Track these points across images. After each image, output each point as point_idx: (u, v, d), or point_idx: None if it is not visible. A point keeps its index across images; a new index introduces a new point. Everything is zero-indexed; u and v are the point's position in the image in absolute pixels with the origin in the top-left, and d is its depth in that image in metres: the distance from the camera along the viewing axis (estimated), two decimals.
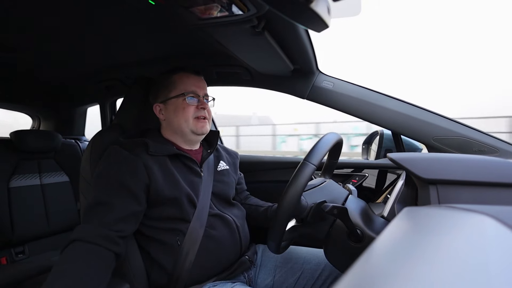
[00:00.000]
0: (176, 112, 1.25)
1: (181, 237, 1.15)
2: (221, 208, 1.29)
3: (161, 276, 1.15)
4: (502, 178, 0.84)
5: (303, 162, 0.93)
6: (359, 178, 1.75)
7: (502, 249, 0.37)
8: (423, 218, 0.53)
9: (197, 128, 1.26)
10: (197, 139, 1.33)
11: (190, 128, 1.25)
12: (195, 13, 0.94)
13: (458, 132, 1.33)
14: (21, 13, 1.17)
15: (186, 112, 1.25)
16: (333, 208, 0.94)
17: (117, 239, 1.01)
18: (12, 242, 2.04)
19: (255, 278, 1.32)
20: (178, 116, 1.25)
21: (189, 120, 1.25)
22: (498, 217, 0.45)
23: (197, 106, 1.27)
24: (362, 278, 0.34)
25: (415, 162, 0.89)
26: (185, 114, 1.24)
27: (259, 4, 0.85)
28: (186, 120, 1.25)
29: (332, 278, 1.26)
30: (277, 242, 0.97)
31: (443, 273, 0.32)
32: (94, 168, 1.22)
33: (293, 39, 1.18)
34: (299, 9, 0.67)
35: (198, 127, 1.26)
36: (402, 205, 1.00)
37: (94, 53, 1.64)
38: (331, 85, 1.52)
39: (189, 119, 1.25)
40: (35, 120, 2.82)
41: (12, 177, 2.09)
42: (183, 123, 1.25)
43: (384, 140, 1.72)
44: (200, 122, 1.27)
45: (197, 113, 1.26)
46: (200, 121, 1.27)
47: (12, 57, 1.67)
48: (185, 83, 1.28)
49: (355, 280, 0.33)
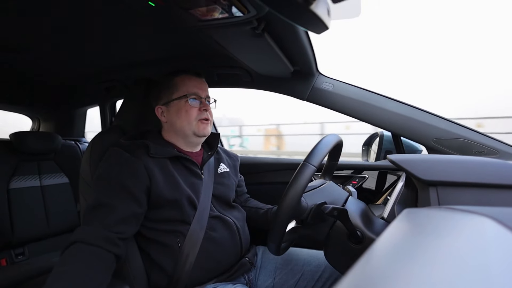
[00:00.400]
0: (179, 114, 1.25)
1: (181, 239, 1.15)
2: (221, 210, 1.29)
3: (161, 278, 1.15)
4: (502, 179, 0.84)
5: (303, 163, 0.93)
6: (359, 179, 1.75)
7: (502, 250, 0.37)
8: (423, 220, 0.53)
9: (199, 130, 1.26)
10: (199, 141, 1.33)
11: (193, 130, 1.25)
12: (195, 14, 0.94)
13: (458, 134, 1.33)
14: (21, 14, 1.18)
15: (189, 114, 1.24)
16: (333, 209, 0.94)
17: (117, 241, 1.01)
18: (12, 244, 2.04)
19: (255, 280, 1.32)
20: (180, 118, 1.25)
21: (192, 122, 1.25)
22: (498, 218, 0.45)
23: (200, 108, 1.27)
24: (362, 280, 0.34)
25: (415, 163, 0.90)
26: (187, 116, 1.24)
27: (259, 5, 0.85)
28: (189, 122, 1.25)
29: (332, 280, 1.26)
30: (277, 244, 0.97)
31: (443, 274, 0.32)
32: (94, 169, 1.22)
33: (293, 40, 1.18)
34: (299, 10, 0.67)
35: (201, 129, 1.26)
36: (402, 207, 1.00)
37: (94, 54, 1.64)
38: (331, 86, 1.52)
39: (192, 121, 1.25)
40: (35, 121, 2.82)
41: (12, 179, 2.09)
42: (185, 125, 1.25)
43: (384, 142, 1.72)
44: (203, 124, 1.27)
45: (199, 115, 1.26)
46: (203, 123, 1.27)
47: (12, 58, 1.67)
48: (187, 85, 1.28)
49: (355, 281, 0.33)
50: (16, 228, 2.04)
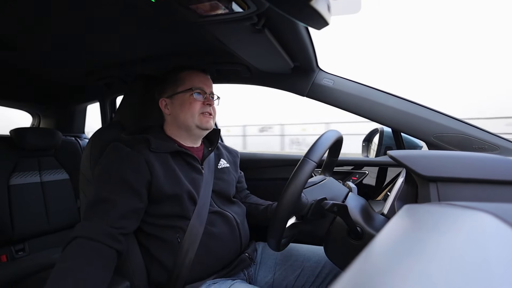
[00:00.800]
0: (183, 106, 1.26)
1: (181, 235, 1.15)
2: (221, 205, 1.29)
3: (161, 273, 1.15)
4: (502, 175, 0.84)
5: (304, 159, 0.93)
6: (359, 175, 1.75)
7: (502, 246, 0.37)
8: (423, 216, 0.53)
9: (202, 123, 1.27)
10: (201, 134, 1.34)
11: (196, 122, 1.26)
12: (195, 10, 0.93)
13: (458, 130, 1.33)
14: (21, 11, 1.17)
15: (193, 107, 1.26)
16: (333, 205, 0.94)
17: (119, 236, 1.01)
18: (12, 240, 2.04)
19: (255, 275, 1.32)
20: (184, 111, 1.26)
21: (195, 115, 1.26)
22: (498, 214, 0.45)
23: (203, 102, 1.28)
24: (362, 275, 0.34)
25: (415, 159, 0.90)
26: (191, 109, 1.26)
27: (259, 1, 0.85)
28: (192, 115, 1.26)
29: (332, 276, 1.26)
30: (277, 239, 0.97)
31: (443, 270, 0.32)
32: (94, 165, 1.22)
33: (293, 36, 1.17)
34: (299, 6, 0.67)
35: (203, 122, 1.27)
36: (402, 203, 1.00)
37: (94, 50, 1.64)
38: (331, 82, 1.52)
39: (195, 114, 1.26)
40: (35, 117, 2.82)
41: (12, 175, 2.09)
42: (189, 118, 1.26)
43: (384, 138, 1.72)
44: (206, 117, 1.28)
45: (203, 109, 1.27)
46: (206, 116, 1.28)
47: (12, 56, 1.67)
48: (193, 79, 1.29)
49: (355, 277, 0.33)
50: (16, 224, 2.05)
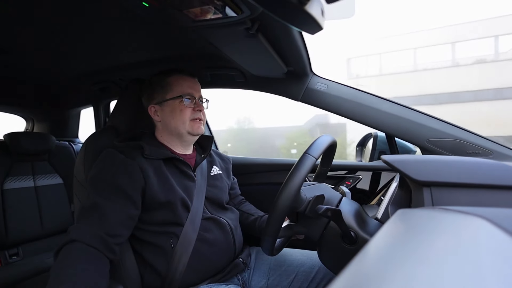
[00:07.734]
0: (173, 114, 1.26)
1: (174, 240, 1.15)
2: (214, 212, 1.30)
3: (155, 279, 1.15)
4: (496, 180, 0.84)
5: (304, 154, 0.94)
6: (353, 180, 1.75)
7: (496, 251, 0.37)
8: (417, 220, 0.53)
9: (193, 129, 1.27)
10: (193, 140, 1.34)
11: (187, 129, 1.27)
12: (189, 15, 0.93)
13: (452, 134, 1.33)
14: (14, 15, 1.17)
15: (183, 114, 1.26)
16: (326, 210, 0.94)
17: (114, 246, 1.02)
18: (6, 244, 2.03)
19: (248, 280, 1.32)
20: (175, 118, 1.26)
21: (186, 122, 1.26)
22: (492, 219, 0.45)
23: (194, 108, 1.28)
24: (356, 280, 0.34)
25: (409, 164, 0.90)
26: (182, 116, 1.26)
27: (252, 6, 0.85)
28: (183, 122, 1.26)
29: (326, 280, 1.26)
30: (273, 238, 0.97)
31: (436, 275, 0.32)
32: (88, 170, 1.22)
33: (287, 41, 1.18)
34: (293, 11, 0.67)
35: (195, 128, 1.28)
36: (396, 207, 1.00)
37: (88, 55, 1.63)
38: (325, 87, 1.52)
39: (186, 121, 1.26)
40: (29, 122, 2.80)
41: (6, 179, 2.08)
42: (180, 125, 1.26)
43: (378, 142, 1.72)
44: (197, 123, 1.28)
45: (193, 115, 1.28)
46: (196, 122, 1.28)
47: (5, 59, 1.66)
48: (182, 85, 1.29)
49: (349, 282, 0.33)
50: (10, 229, 2.03)
